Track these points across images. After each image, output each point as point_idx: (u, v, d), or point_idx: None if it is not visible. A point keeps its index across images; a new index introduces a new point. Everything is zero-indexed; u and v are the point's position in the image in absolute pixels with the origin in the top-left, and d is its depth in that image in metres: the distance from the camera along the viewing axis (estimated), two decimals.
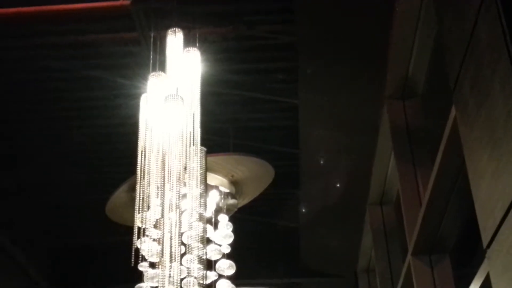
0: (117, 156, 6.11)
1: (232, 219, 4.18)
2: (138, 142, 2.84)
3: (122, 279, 4.56)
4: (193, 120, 2.73)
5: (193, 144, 2.74)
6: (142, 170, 2.94)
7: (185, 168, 3.30)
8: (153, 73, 2.87)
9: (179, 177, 2.91)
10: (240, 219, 4.66)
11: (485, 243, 2.13)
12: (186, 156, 2.74)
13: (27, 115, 5.75)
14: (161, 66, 2.87)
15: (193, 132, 2.71)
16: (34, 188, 6.68)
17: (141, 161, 2.90)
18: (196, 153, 2.79)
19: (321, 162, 5.43)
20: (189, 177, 3.43)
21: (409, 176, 4.06)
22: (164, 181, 2.97)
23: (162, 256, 3.06)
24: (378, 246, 5.53)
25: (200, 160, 2.85)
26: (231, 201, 4.38)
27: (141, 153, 2.88)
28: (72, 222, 7.38)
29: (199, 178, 3.01)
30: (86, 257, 7.87)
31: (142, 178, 2.99)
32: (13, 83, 5.27)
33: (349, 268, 6.90)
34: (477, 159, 2.30)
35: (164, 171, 2.88)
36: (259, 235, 7.48)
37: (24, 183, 6.63)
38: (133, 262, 3.01)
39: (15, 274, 6.97)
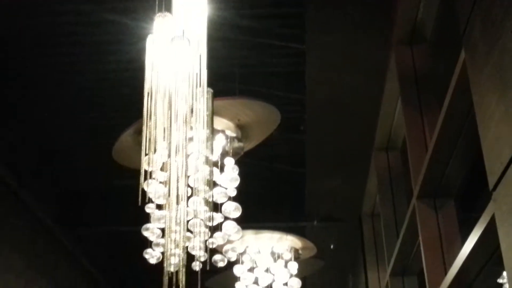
0: (124, 101, 6.11)
1: (238, 164, 4.20)
2: (144, 84, 2.82)
3: (129, 221, 4.64)
4: (200, 61, 2.71)
5: (200, 86, 2.72)
6: (148, 112, 2.93)
7: (192, 111, 3.31)
8: (159, 13, 2.83)
9: (186, 119, 2.91)
10: (246, 163, 4.69)
11: (491, 185, 2.14)
12: (192, 97, 2.73)
13: (30, 60, 5.74)
14: (168, 7, 2.83)
15: (200, 74, 2.68)
16: (41, 133, 6.73)
17: (147, 103, 2.89)
18: (202, 94, 2.77)
19: (328, 107, 5.41)
20: (196, 119, 3.44)
21: (416, 121, 4.05)
22: (170, 123, 2.97)
23: (169, 195, 3.06)
24: (383, 190, 5.57)
25: (206, 101, 2.84)
26: (237, 145, 4.39)
27: (147, 95, 2.87)
28: (80, 166, 7.45)
29: (205, 120, 3.00)
30: (93, 200, 7.98)
31: (148, 120, 2.99)
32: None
33: (354, 213, 6.98)
34: (486, 102, 2.29)
35: (170, 113, 2.87)
36: (264, 180, 7.54)
37: (31, 128, 6.67)
38: (140, 202, 3.02)
39: (23, 217, 7.07)
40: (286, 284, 5.91)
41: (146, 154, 3.67)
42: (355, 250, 7.36)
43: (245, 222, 4.19)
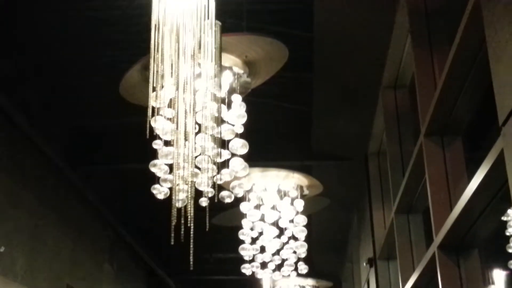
0: (133, 38, 6.05)
1: (245, 102, 4.18)
2: (152, 16, 2.78)
3: (138, 159, 4.67)
4: None
5: (208, 18, 2.69)
6: (156, 46, 2.90)
7: (200, 45, 3.28)
8: None
9: (194, 53, 2.88)
10: (253, 102, 4.67)
11: (500, 120, 2.13)
12: (200, 30, 2.69)
13: None
14: None
15: (208, 5, 2.64)
16: (50, 71, 6.70)
17: (154, 36, 2.85)
18: (211, 27, 2.74)
19: (335, 44, 5.35)
20: (203, 55, 3.41)
21: (425, 58, 4.00)
22: (178, 57, 2.94)
23: (176, 128, 3.07)
24: (390, 129, 5.56)
25: (214, 34, 2.80)
26: (245, 81, 4.36)
27: (154, 28, 2.84)
28: (88, 103, 7.45)
29: (213, 54, 2.98)
30: (101, 138, 8.01)
31: (155, 54, 2.96)
32: None
33: (360, 151, 7.00)
34: (499, 38, 2.25)
35: (178, 47, 2.84)
36: (271, 119, 7.52)
37: (40, 67, 6.64)
38: (148, 135, 3.03)
39: (33, 155, 7.12)
40: (292, 221, 5.98)
41: (153, 90, 3.67)
42: (361, 188, 7.42)
43: (252, 160, 4.20)
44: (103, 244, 9.82)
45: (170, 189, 3.84)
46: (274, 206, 5.93)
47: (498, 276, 4.44)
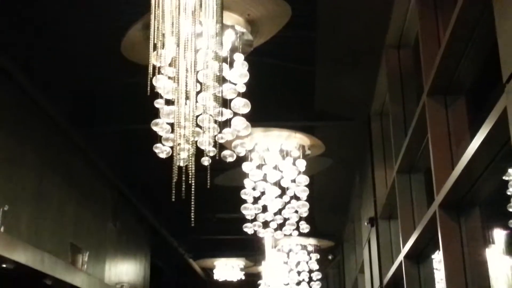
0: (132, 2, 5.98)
1: (247, 61, 4.15)
2: None
3: (141, 119, 4.66)
4: None
5: None
6: (156, 4, 2.87)
7: (201, 4, 3.24)
8: None
9: (195, 12, 2.85)
10: (256, 62, 4.63)
11: (505, 77, 2.11)
12: None
13: None
14: None
15: None
16: (53, 31, 6.63)
17: None
18: None
19: (339, 2, 5.28)
20: (205, 13, 3.38)
21: (429, 17, 3.95)
22: (179, 15, 2.91)
23: (178, 86, 3.06)
24: (393, 89, 5.53)
25: None
26: (247, 40, 4.33)
27: None
28: (91, 65, 7.40)
29: (215, 12, 2.94)
30: (105, 98, 7.98)
31: (156, 13, 2.93)
32: None
33: (363, 112, 6.98)
34: None
35: (179, 5, 2.81)
36: (274, 79, 7.48)
37: (43, 27, 6.57)
38: (149, 92, 3.02)
39: (37, 115, 7.12)
40: (294, 181, 6.01)
41: (154, 49, 3.64)
42: (363, 149, 7.42)
43: (254, 120, 4.20)
44: (106, 204, 9.89)
45: (172, 148, 3.85)
46: (276, 166, 5.94)
47: (499, 235, 4.47)
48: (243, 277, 13.69)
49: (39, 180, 7.23)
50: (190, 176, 3.12)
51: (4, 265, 5.58)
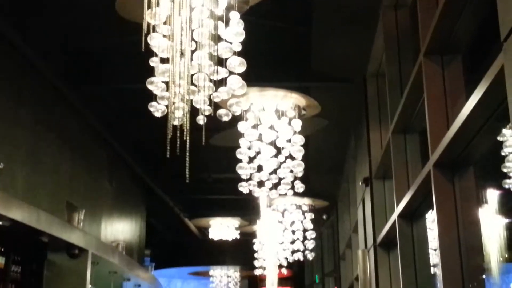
0: None
1: (243, 21, 4.11)
2: None
3: (136, 78, 4.63)
4: None
5: None
6: None
7: None
8: None
9: None
10: (252, 22, 4.59)
11: (502, 35, 2.10)
12: None
13: None
14: None
15: None
16: None
17: None
18: None
19: None
20: None
21: None
22: None
23: (173, 44, 3.03)
24: (390, 49, 5.49)
25: None
26: None
27: None
28: (86, 23, 7.32)
29: None
30: (100, 57, 7.91)
31: None
32: None
33: (359, 73, 6.95)
34: None
35: None
36: (270, 39, 7.42)
37: None
38: (143, 49, 3.00)
39: (30, 75, 7.07)
40: (289, 141, 6.02)
41: (149, 7, 3.60)
42: (359, 109, 7.42)
43: (249, 80, 4.18)
44: (102, 163, 9.91)
45: (168, 106, 3.84)
46: (271, 126, 5.95)
47: (492, 195, 4.51)
48: (238, 236, 13.83)
49: (33, 139, 7.22)
50: (184, 133, 3.12)
51: (0, 223, 5.61)
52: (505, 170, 4.38)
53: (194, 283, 21.11)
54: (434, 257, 4.88)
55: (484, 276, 3.62)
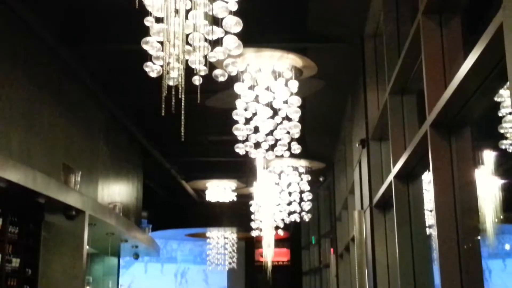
0: None
1: None
2: None
3: (131, 39, 4.58)
4: None
5: None
6: None
7: None
8: None
9: None
10: None
11: None
12: None
13: None
14: None
15: None
16: None
17: None
18: None
19: None
20: None
21: None
22: None
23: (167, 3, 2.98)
24: (388, 9, 5.42)
25: None
26: None
27: None
28: None
29: None
30: (95, 18, 7.81)
31: None
32: None
33: (356, 34, 6.87)
34: None
35: None
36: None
37: None
38: (137, 6, 2.95)
39: (25, 34, 6.98)
40: (286, 102, 5.99)
41: None
42: (356, 71, 7.37)
43: (245, 40, 4.13)
44: (98, 124, 9.88)
45: (163, 66, 3.79)
46: (268, 87, 5.91)
47: (488, 156, 4.51)
48: (235, 199, 13.89)
49: (28, 100, 7.18)
50: (180, 91, 3.09)
51: None
52: (502, 131, 4.37)
53: (190, 244, 21.32)
54: (430, 218, 4.90)
55: (479, 237, 3.64)
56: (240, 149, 6.14)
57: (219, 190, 13.82)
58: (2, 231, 6.41)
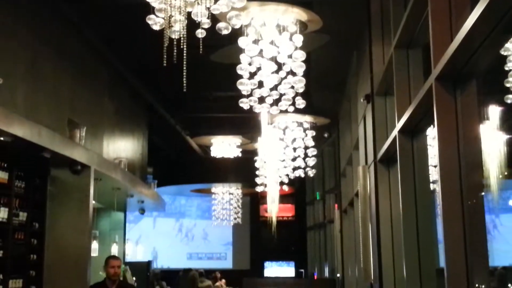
0: None
1: None
2: None
3: None
4: None
5: None
6: None
7: None
8: None
9: None
10: None
11: None
12: None
13: None
14: None
15: None
16: None
17: None
18: None
19: None
20: None
21: None
22: None
23: None
24: None
25: None
26: None
27: None
28: None
29: None
30: None
31: None
32: None
33: None
34: None
35: None
36: None
37: None
38: None
39: None
40: (290, 56, 5.93)
41: None
42: (361, 25, 7.29)
43: None
44: (102, 80, 9.84)
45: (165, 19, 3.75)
46: (272, 41, 5.85)
47: (494, 110, 4.48)
48: (240, 154, 13.92)
49: (32, 55, 7.14)
50: (181, 42, 3.07)
51: (1, 138, 5.63)
52: (508, 85, 4.34)
53: (198, 200, 21.49)
54: (434, 174, 4.91)
55: (483, 193, 3.64)
56: (244, 104, 6.12)
57: (224, 146, 13.84)
58: (9, 186, 6.45)
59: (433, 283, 4.79)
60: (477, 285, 3.32)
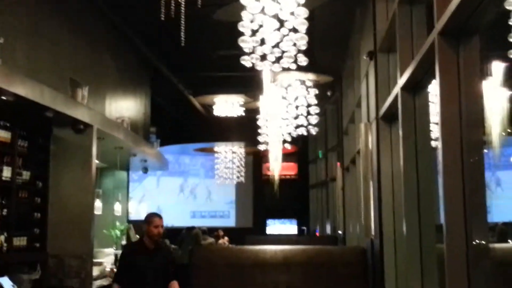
0: None
1: None
2: None
3: None
4: None
5: None
6: None
7: None
8: None
9: None
10: None
11: None
12: None
13: None
14: None
15: None
16: None
17: None
18: None
19: None
20: None
21: None
22: None
23: None
24: None
25: None
26: None
27: None
28: None
29: None
30: None
31: None
32: None
33: None
34: None
35: None
36: None
37: None
38: None
39: None
40: (292, 13, 5.86)
41: None
42: None
43: None
44: (105, 41, 9.78)
45: None
46: None
47: (497, 66, 4.44)
48: (243, 113, 13.90)
49: (33, 14, 7.08)
50: None
51: (3, 97, 5.63)
52: (511, 40, 4.29)
53: (202, 159, 21.56)
54: (435, 132, 4.90)
55: (485, 150, 3.63)
56: (246, 61, 6.07)
57: (227, 105, 13.81)
58: (12, 145, 6.48)
59: (432, 239, 4.84)
60: (476, 241, 3.34)
